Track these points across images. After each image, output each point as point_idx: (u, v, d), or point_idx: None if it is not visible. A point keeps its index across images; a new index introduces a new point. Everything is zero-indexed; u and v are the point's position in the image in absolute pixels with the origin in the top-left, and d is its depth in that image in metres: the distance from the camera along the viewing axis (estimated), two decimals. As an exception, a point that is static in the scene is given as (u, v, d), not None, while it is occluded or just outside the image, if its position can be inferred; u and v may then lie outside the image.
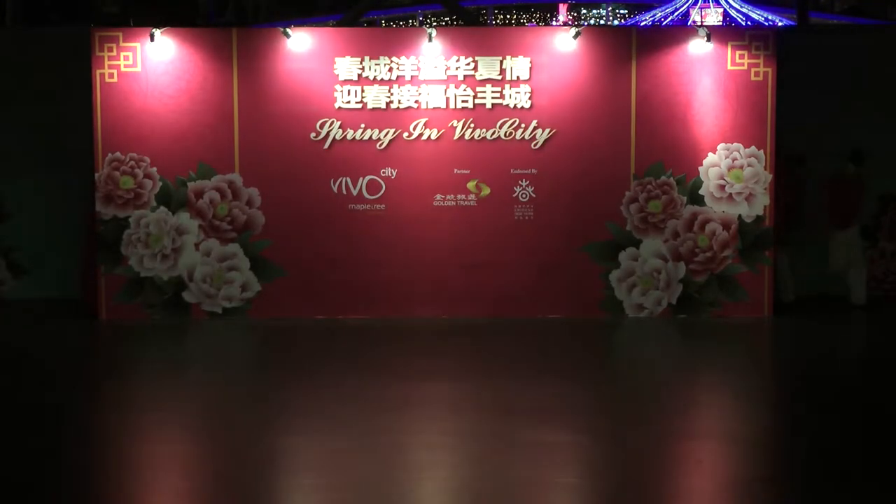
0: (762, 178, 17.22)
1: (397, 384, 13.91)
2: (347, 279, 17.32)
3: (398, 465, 11.23)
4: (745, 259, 17.29)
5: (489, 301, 17.35)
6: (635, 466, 11.20)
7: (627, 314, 17.38)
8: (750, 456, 11.61)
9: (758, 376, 14.74)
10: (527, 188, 17.26)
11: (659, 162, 17.22)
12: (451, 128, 17.22)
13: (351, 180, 17.29)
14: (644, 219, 17.28)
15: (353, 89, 17.20)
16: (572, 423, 12.41)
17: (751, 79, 17.18)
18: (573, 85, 17.22)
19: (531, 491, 10.56)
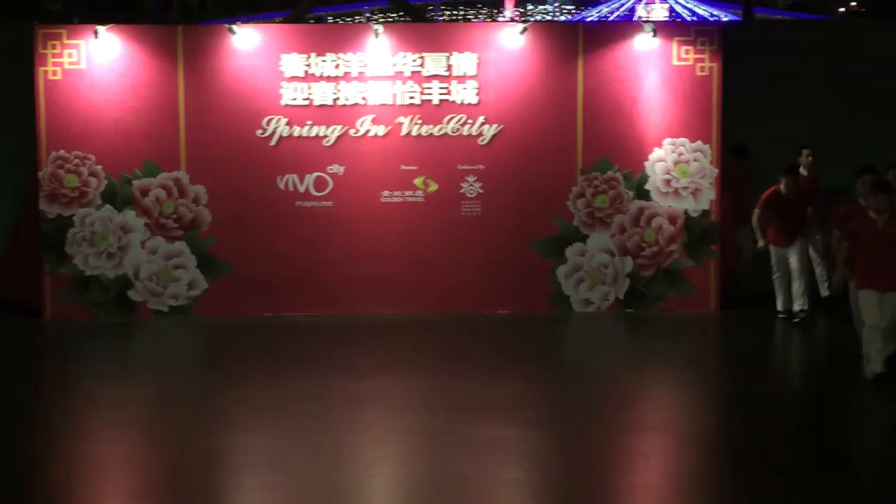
0: (708, 173, 17.30)
1: (345, 381, 13.88)
2: (294, 276, 17.28)
3: (347, 462, 11.20)
4: (692, 253, 17.37)
5: (437, 297, 17.34)
6: (583, 461, 11.22)
7: (575, 309, 17.42)
8: (697, 450, 11.66)
9: (704, 370, 14.80)
10: (474, 184, 17.27)
11: (605, 157, 17.26)
12: (398, 124, 17.20)
13: (298, 177, 17.24)
14: (591, 214, 17.32)
15: (300, 86, 17.15)
16: (520, 419, 12.42)
17: (696, 74, 17.26)
18: (520, 81, 17.24)
19: (480, 487, 10.56)
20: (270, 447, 11.64)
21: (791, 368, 14.85)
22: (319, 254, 17.29)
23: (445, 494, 10.36)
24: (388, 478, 10.91)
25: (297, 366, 14.67)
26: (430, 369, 14.50)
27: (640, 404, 13.27)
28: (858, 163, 17.08)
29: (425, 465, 11.15)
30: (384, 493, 10.58)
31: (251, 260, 17.26)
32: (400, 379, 14.09)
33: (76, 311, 17.22)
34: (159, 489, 10.50)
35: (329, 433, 11.91)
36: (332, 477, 10.75)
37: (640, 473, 11.17)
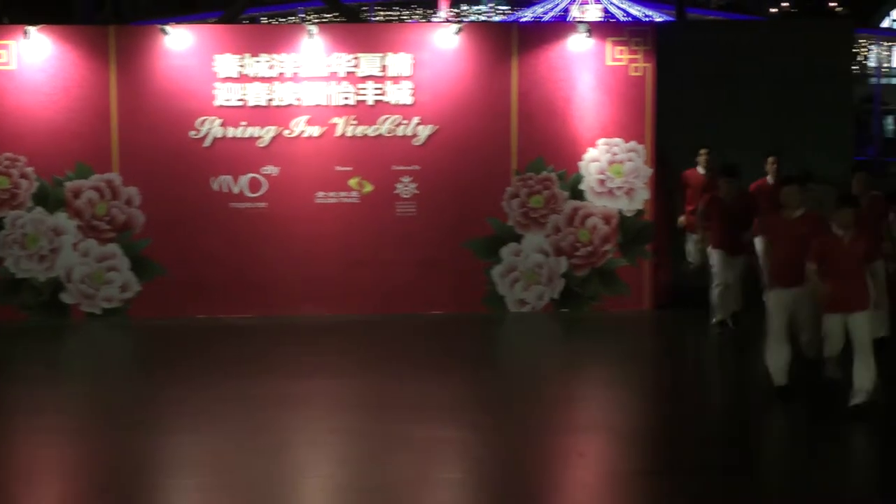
0: (642, 173, 17.39)
1: (280, 382, 13.84)
2: (229, 278, 17.20)
3: (282, 463, 11.17)
4: (626, 253, 17.44)
5: (372, 298, 17.32)
6: (519, 460, 11.24)
7: (510, 309, 17.45)
8: (631, 448, 11.71)
9: (638, 369, 14.87)
10: (409, 185, 17.26)
11: (540, 157, 17.30)
12: (332, 125, 17.16)
13: (232, 178, 17.17)
14: (525, 214, 17.36)
15: (234, 87, 17.08)
16: (456, 419, 12.43)
17: (630, 74, 17.33)
18: (455, 81, 17.25)
19: (416, 487, 10.56)
20: (205, 449, 11.59)
21: (723, 367, 14.94)
22: (254, 255, 17.22)
23: (382, 495, 10.35)
24: (324, 479, 10.89)
25: (232, 367, 14.60)
26: (365, 370, 14.48)
27: (575, 403, 13.32)
28: (791, 162, 17.26)
29: (361, 466, 11.14)
30: (320, 495, 10.56)
31: (185, 262, 17.16)
32: (335, 380, 14.07)
33: (7, 313, 17.06)
34: (94, 493, 10.42)
35: (264, 434, 11.88)
36: (268, 478, 10.71)
37: (574, 472, 11.21)
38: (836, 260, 11.97)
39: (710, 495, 10.43)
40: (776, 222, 12.95)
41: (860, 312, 11.95)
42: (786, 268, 12.60)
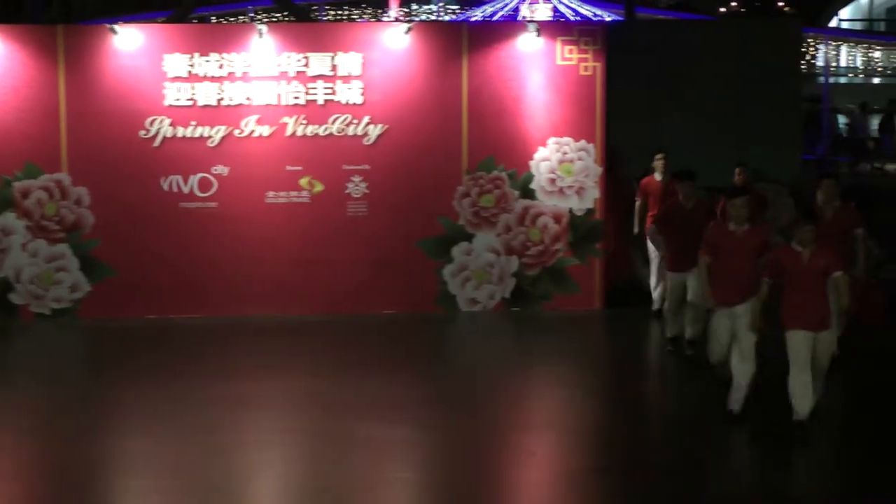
0: (592, 172, 17.44)
1: (231, 383, 13.81)
2: (179, 278, 17.13)
3: (234, 464, 11.16)
4: (576, 252, 17.49)
5: (323, 298, 17.29)
6: (470, 459, 11.28)
7: (461, 308, 17.46)
8: (582, 446, 11.77)
9: (589, 368, 14.92)
10: (360, 184, 17.25)
11: (490, 157, 17.33)
12: (282, 124, 17.13)
13: (182, 178, 17.10)
14: (476, 213, 17.38)
15: (183, 86, 17.01)
16: (408, 419, 12.45)
17: (580, 73, 17.38)
18: (405, 81, 17.25)
19: (367, 487, 10.58)
20: (156, 450, 11.56)
21: (673, 366, 15.01)
22: (204, 255, 17.16)
23: (333, 495, 10.37)
24: (276, 479, 10.88)
25: (182, 368, 14.55)
26: (316, 370, 14.47)
27: (526, 402, 13.37)
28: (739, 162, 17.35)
29: (313, 466, 11.15)
30: (272, 495, 10.56)
31: (135, 262, 17.08)
32: (286, 380, 14.06)
33: (-44, 315, 16.95)
34: (45, 495, 10.38)
35: (215, 435, 11.86)
36: (219, 479, 10.70)
37: (525, 470, 11.26)
38: (795, 276, 11.45)
39: (659, 493, 10.50)
40: (786, 258, 11.72)
41: (825, 332, 11.53)
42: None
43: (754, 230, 12.24)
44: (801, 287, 11.42)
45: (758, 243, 12.09)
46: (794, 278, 11.44)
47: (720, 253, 12.18)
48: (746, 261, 11.98)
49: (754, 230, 12.24)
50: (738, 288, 11.99)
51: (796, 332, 11.42)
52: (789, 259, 11.49)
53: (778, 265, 11.53)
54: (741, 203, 12.12)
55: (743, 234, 12.10)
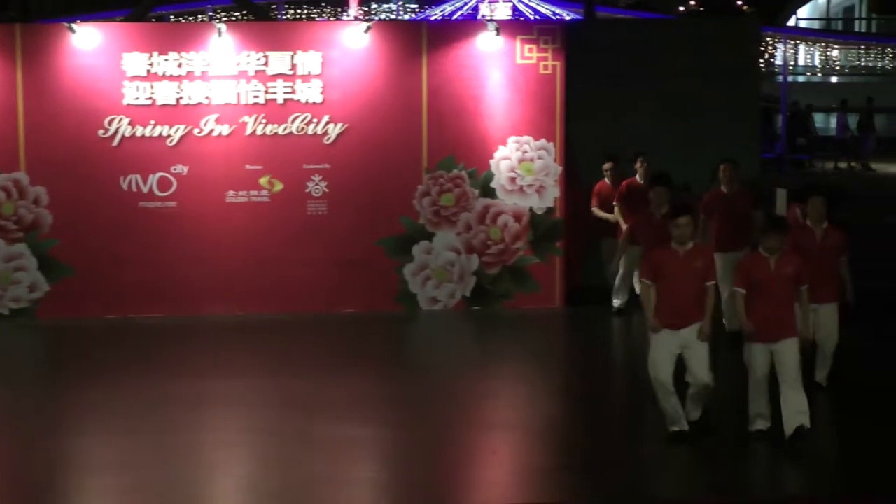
0: (552, 171, 17.47)
1: (192, 382, 13.78)
2: (139, 278, 17.05)
3: (194, 463, 11.14)
4: (537, 250, 17.52)
5: (284, 297, 17.25)
6: (432, 457, 11.29)
7: (422, 307, 17.46)
8: (543, 445, 11.79)
9: (549, 366, 14.95)
10: (320, 183, 17.23)
11: (450, 155, 17.34)
12: (242, 123, 17.08)
13: (141, 177, 17.03)
14: (437, 212, 17.39)
15: (142, 85, 16.94)
16: (369, 417, 12.45)
17: (539, 72, 17.41)
18: (365, 79, 17.24)
19: (330, 486, 10.58)
20: (115, 449, 11.53)
21: (634, 363, 15.06)
22: (164, 254, 17.09)
23: (295, 494, 10.36)
24: (236, 478, 10.87)
25: (143, 367, 14.50)
26: (277, 369, 14.45)
27: (487, 401, 13.38)
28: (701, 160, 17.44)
29: (274, 466, 11.13)
30: (234, 495, 10.53)
31: (94, 261, 17.00)
32: (247, 379, 14.03)
33: (-87, 316, 16.83)
34: (2, 495, 10.32)
35: (174, 434, 11.83)
36: (181, 479, 10.67)
37: (487, 469, 11.27)
38: (764, 285, 11.28)
39: (620, 491, 10.55)
40: (756, 265, 11.46)
41: (787, 340, 11.25)
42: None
43: (698, 250, 11.49)
44: (767, 295, 11.27)
45: (701, 265, 11.40)
46: (761, 286, 11.28)
47: (664, 275, 11.48)
48: (691, 283, 11.33)
49: (698, 250, 11.49)
50: (682, 312, 11.35)
51: (757, 346, 11.35)
52: (757, 266, 11.36)
53: (747, 274, 11.40)
54: (685, 222, 11.30)
55: (686, 255, 11.35)
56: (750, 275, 11.32)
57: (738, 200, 15.19)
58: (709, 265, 11.54)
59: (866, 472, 10.82)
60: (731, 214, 15.02)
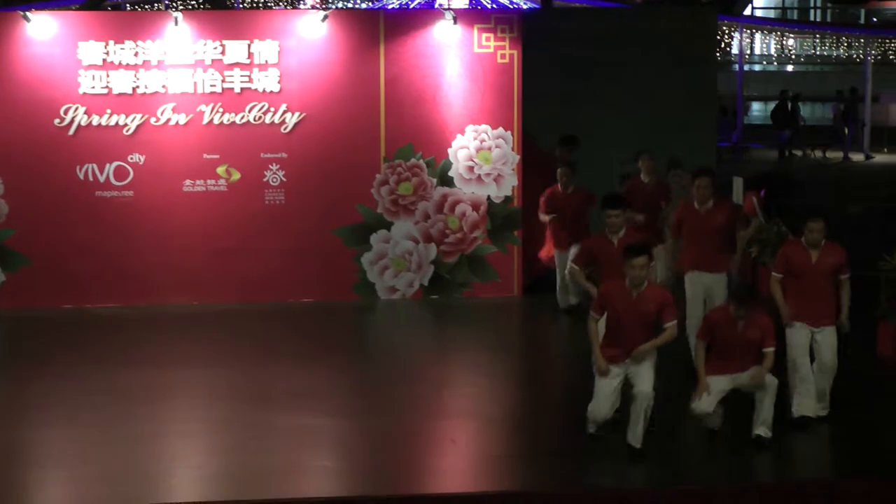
0: (510, 159, 17.49)
1: (149, 372, 13.74)
2: (95, 267, 16.98)
3: (152, 455, 11.11)
4: (495, 239, 17.54)
5: (241, 286, 17.21)
6: (390, 447, 11.31)
7: (380, 296, 17.45)
8: (500, 433, 11.83)
9: (508, 355, 14.98)
10: (277, 172, 17.18)
11: (408, 144, 17.34)
12: (199, 112, 17.02)
13: (97, 167, 16.94)
14: (395, 201, 17.38)
15: (98, 74, 16.85)
16: (327, 407, 12.46)
17: (497, 61, 17.42)
18: (322, 68, 17.20)
19: (288, 475, 10.58)
20: (72, 440, 11.49)
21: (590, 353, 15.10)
22: (121, 244, 17.02)
23: (253, 484, 10.35)
24: (195, 468, 10.85)
25: (99, 358, 14.44)
26: (234, 359, 14.42)
27: (445, 390, 13.40)
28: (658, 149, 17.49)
29: (231, 456, 11.12)
30: (192, 485, 10.52)
31: (51, 251, 16.90)
32: (204, 369, 14.01)
33: None
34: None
35: (132, 425, 11.80)
36: (137, 468, 10.65)
37: (445, 458, 11.30)
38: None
39: (578, 480, 10.60)
40: (794, 257, 11.74)
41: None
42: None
43: (652, 292, 11.13)
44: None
45: (653, 309, 11.05)
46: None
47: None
48: (639, 325, 11.10)
49: (652, 292, 11.13)
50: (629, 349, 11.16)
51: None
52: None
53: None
54: (642, 263, 10.96)
55: (639, 296, 11.03)
56: (715, 329, 11.26)
57: (715, 217, 13.40)
58: (662, 308, 11.03)
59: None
60: (709, 233, 13.37)
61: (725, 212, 13.35)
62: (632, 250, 11.02)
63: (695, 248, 13.27)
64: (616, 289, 11.10)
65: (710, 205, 13.21)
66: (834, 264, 11.72)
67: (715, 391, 11.15)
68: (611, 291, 11.14)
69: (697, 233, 13.22)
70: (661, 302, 11.01)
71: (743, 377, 11.18)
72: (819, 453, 11.44)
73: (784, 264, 11.84)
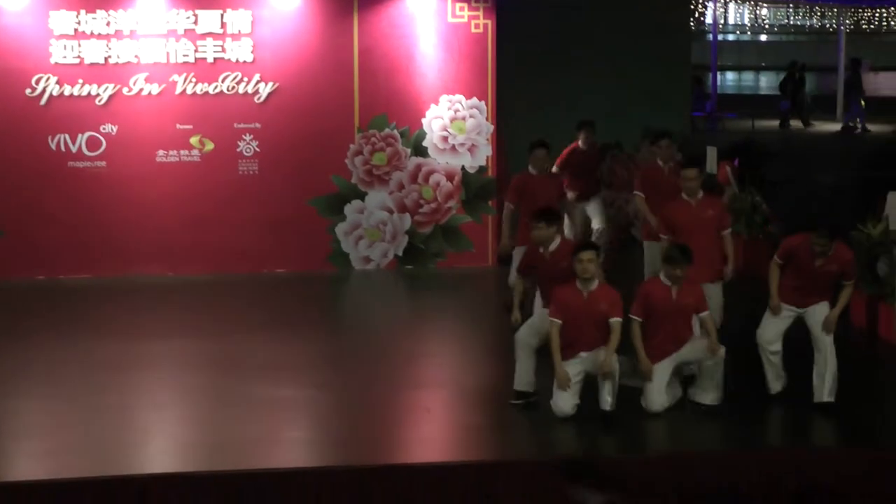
0: (484, 129, 17.47)
1: (124, 343, 13.70)
2: (68, 238, 16.90)
3: (126, 425, 11.09)
4: (469, 209, 17.53)
5: (215, 257, 17.16)
6: (365, 417, 11.32)
7: (354, 267, 17.43)
8: (475, 403, 11.84)
9: (483, 325, 14.97)
10: (251, 142, 17.13)
11: (383, 114, 17.30)
12: (172, 82, 16.93)
13: (70, 137, 16.85)
14: (369, 171, 17.35)
15: (70, 44, 16.74)
16: (301, 378, 12.45)
17: (471, 31, 17.39)
18: (296, 38, 17.13)
19: (261, 446, 10.58)
20: (45, 412, 11.47)
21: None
22: (94, 215, 16.94)
23: (226, 454, 10.34)
24: (168, 439, 10.84)
25: (73, 329, 14.39)
26: (209, 330, 14.39)
27: (420, 360, 13.41)
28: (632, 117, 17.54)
29: (205, 427, 11.12)
30: (163, 455, 10.50)
31: (23, 222, 16.81)
32: (178, 340, 13.98)
33: None
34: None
35: (107, 396, 11.77)
36: (111, 439, 10.63)
37: (420, 427, 11.31)
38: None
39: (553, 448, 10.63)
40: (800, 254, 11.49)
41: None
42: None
43: (604, 291, 11.23)
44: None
45: (606, 308, 11.18)
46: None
47: (569, 313, 11.33)
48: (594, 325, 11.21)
49: (604, 291, 11.23)
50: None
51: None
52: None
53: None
54: (589, 258, 11.06)
55: (590, 296, 11.18)
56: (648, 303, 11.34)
57: (706, 210, 12.76)
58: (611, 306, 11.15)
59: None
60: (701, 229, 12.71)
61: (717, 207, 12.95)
62: (579, 248, 11.26)
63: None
64: (568, 291, 11.19)
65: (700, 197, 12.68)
66: (837, 272, 11.45)
67: (661, 374, 11.29)
68: (563, 294, 11.21)
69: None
70: (610, 301, 11.17)
71: (685, 353, 11.33)
72: (773, 422, 11.51)
73: (786, 256, 11.59)
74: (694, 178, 12.42)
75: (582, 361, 11.15)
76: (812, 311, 11.47)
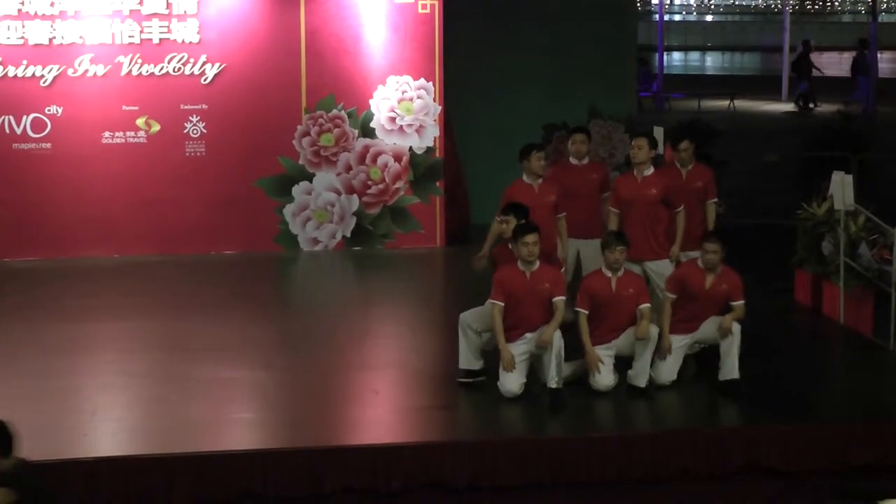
0: (432, 110, 17.48)
1: (69, 326, 13.64)
2: (12, 220, 16.78)
3: (72, 408, 11.05)
4: (417, 190, 17.54)
5: (162, 238, 17.10)
6: (313, 398, 11.33)
7: (302, 248, 17.42)
8: (424, 384, 11.86)
9: (431, 306, 15.01)
10: (197, 124, 17.06)
11: (330, 95, 17.27)
12: (117, 63, 16.83)
13: (14, 118, 16.73)
14: (317, 152, 17.33)
15: (14, 24, 16.61)
16: (249, 359, 12.44)
17: (418, 11, 17.38)
18: (242, 19, 17.06)
19: (209, 427, 10.58)
20: (-8, 396, 11.40)
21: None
22: (39, 197, 16.83)
23: (175, 436, 10.34)
24: (116, 422, 10.80)
25: (18, 312, 14.30)
26: (156, 312, 14.35)
27: (369, 341, 13.41)
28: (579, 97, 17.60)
29: (153, 408, 11.09)
30: (112, 438, 10.48)
31: (-33, 204, 16.73)
32: (125, 322, 13.94)
33: None
34: None
35: (51, 380, 11.72)
36: (57, 423, 10.59)
37: (369, 409, 11.33)
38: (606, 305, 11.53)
39: (500, 429, 10.68)
40: (511, 278, 11.36)
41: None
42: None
43: (546, 270, 11.35)
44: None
45: (549, 286, 11.26)
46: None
47: (511, 297, 11.32)
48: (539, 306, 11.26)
49: (546, 270, 11.35)
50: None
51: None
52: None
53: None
54: (533, 240, 11.10)
55: (532, 276, 11.23)
56: (591, 293, 11.41)
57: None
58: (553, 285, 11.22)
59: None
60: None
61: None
62: (521, 229, 11.20)
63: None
64: (510, 272, 11.26)
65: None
66: (727, 292, 11.46)
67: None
68: (506, 275, 11.28)
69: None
70: (552, 280, 11.26)
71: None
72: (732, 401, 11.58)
73: (678, 286, 11.60)
74: (641, 148, 12.46)
75: (527, 342, 11.20)
76: (703, 329, 11.56)
